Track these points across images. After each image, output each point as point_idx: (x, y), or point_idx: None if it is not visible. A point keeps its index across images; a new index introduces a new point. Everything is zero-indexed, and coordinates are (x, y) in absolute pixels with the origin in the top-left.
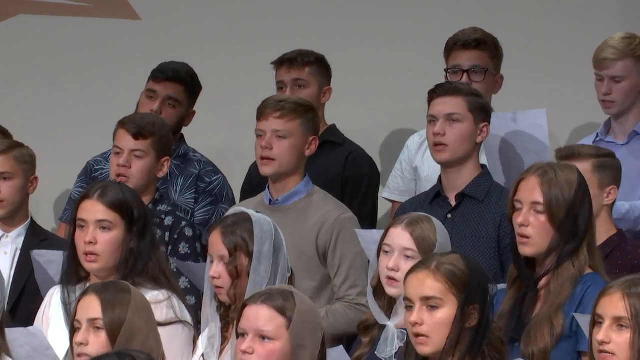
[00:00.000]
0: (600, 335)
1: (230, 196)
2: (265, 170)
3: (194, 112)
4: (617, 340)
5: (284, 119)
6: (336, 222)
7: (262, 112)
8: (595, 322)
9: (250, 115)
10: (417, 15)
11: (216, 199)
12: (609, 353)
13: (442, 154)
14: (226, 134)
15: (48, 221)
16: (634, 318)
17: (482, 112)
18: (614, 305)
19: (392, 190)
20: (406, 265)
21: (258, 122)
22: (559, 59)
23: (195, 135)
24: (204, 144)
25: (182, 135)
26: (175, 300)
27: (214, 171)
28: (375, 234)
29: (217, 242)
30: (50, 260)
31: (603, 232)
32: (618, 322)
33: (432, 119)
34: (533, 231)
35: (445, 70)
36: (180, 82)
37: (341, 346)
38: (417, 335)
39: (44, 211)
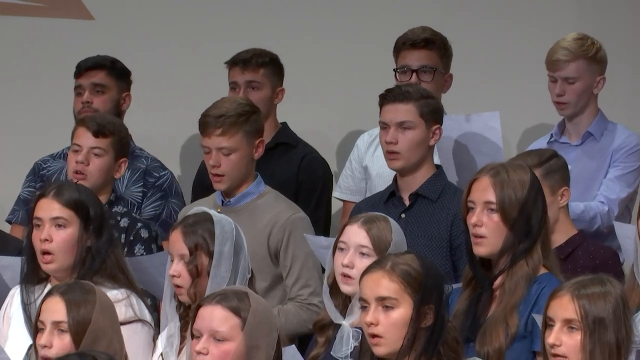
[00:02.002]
0: (551, 338)
1: (179, 191)
2: (219, 186)
3: (129, 96)
4: (568, 342)
5: (226, 136)
6: (288, 222)
7: (203, 130)
8: (547, 324)
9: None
10: (368, 14)
11: (166, 194)
12: (561, 356)
13: (396, 162)
14: (178, 133)
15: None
16: (583, 320)
17: (433, 115)
18: (564, 307)
19: (343, 189)
20: (361, 263)
21: (202, 137)
22: (511, 60)
23: (147, 135)
24: (155, 142)
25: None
26: (135, 299)
27: (161, 167)
28: (323, 240)
29: (177, 241)
30: (4, 265)
31: (563, 232)
32: (568, 324)
33: (384, 126)
34: (487, 231)
35: (394, 70)
36: (99, 67)
37: (293, 345)
38: (373, 335)
39: None
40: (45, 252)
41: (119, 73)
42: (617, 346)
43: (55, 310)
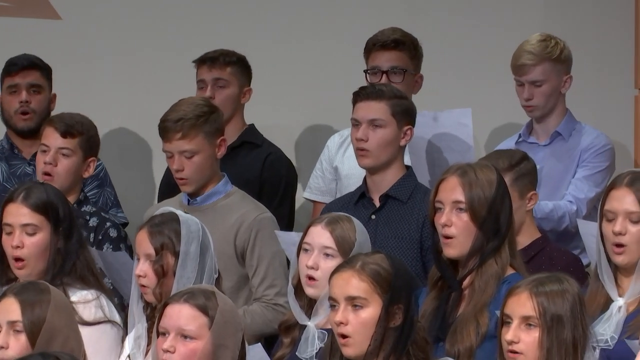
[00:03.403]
0: (509, 335)
1: (111, 182)
2: (186, 189)
3: (55, 95)
4: (525, 339)
5: (187, 139)
6: (254, 221)
7: (163, 135)
8: (504, 322)
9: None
10: (337, 14)
11: (102, 183)
12: (518, 353)
13: (366, 160)
14: (145, 133)
15: None
16: (542, 317)
17: (405, 115)
18: (522, 304)
19: (313, 190)
20: (325, 264)
21: (163, 142)
22: (480, 59)
23: (114, 134)
24: (122, 142)
25: None
26: (104, 300)
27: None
28: (294, 236)
29: (143, 241)
30: None
31: (527, 235)
32: (526, 321)
33: (355, 123)
34: (456, 230)
35: (364, 71)
36: (35, 67)
37: (259, 344)
38: (342, 335)
39: None
40: (18, 259)
41: (48, 72)
42: (573, 344)
43: (10, 310)
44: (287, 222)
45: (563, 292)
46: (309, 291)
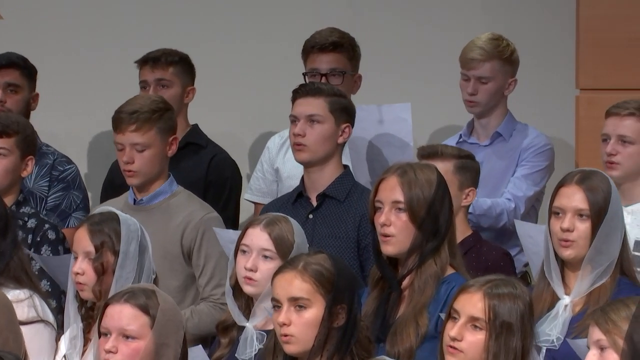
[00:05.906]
0: (453, 331)
1: (82, 185)
2: (132, 181)
3: (37, 95)
4: (469, 339)
5: (140, 132)
6: (201, 221)
7: (117, 126)
8: (450, 316)
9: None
10: (280, 15)
11: (68, 186)
12: (458, 350)
13: (302, 154)
14: (87, 133)
15: None
16: (490, 322)
17: (343, 113)
18: (473, 304)
19: (254, 191)
20: (264, 265)
21: (115, 134)
22: (420, 59)
23: (56, 134)
24: (64, 142)
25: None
26: (37, 300)
27: (67, 161)
28: (232, 234)
29: (83, 238)
30: None
31: (459, 232)
32: (474, 322)
33: (293, 119)
34: (395, 230)
35: (303, 74)
36: (14, 66)
37: (200, 345)
38: (285, 335)
39: None
40: None
41: (30, 72)
42: (522, 353)
43: None
44: (231, 224)
45: (516, 298)
46: (248, 289)
